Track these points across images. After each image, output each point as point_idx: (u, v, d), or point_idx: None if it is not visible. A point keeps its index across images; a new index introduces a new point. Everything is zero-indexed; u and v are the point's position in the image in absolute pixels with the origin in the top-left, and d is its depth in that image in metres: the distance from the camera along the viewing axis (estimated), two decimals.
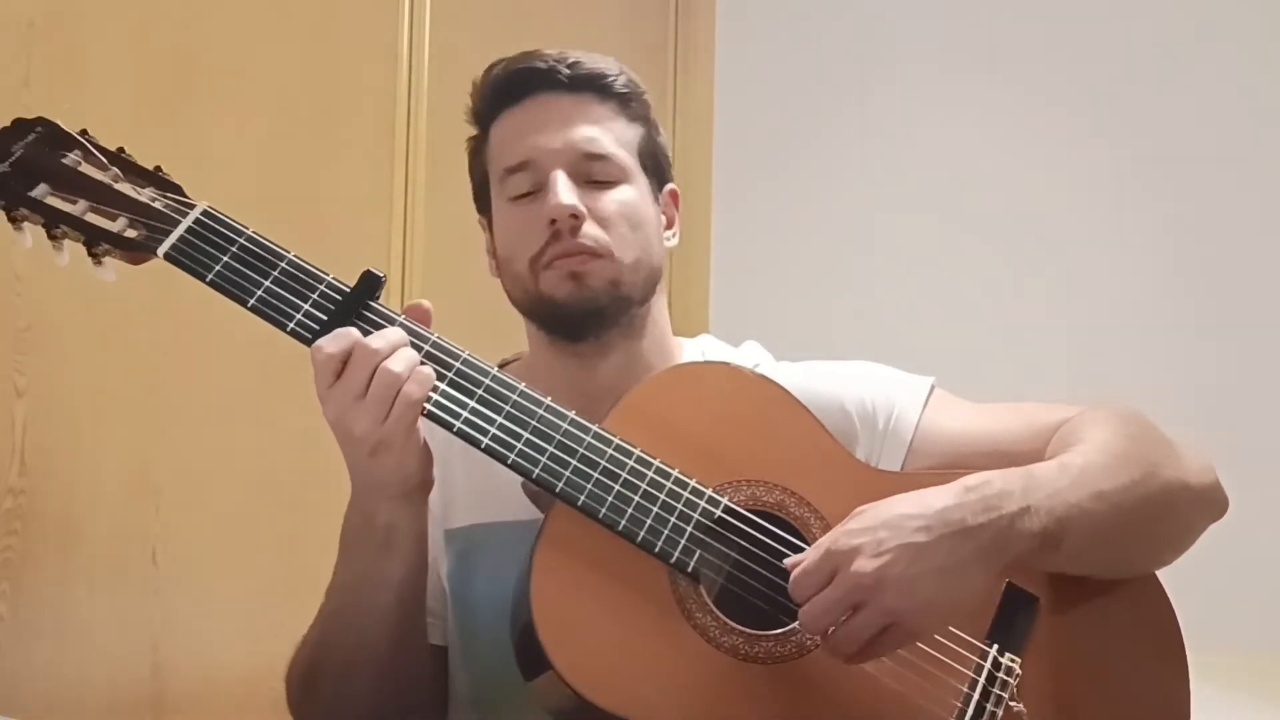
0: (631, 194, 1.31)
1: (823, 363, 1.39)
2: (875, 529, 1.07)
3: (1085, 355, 2.56)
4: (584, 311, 1.29)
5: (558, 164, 1.29)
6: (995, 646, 1.15)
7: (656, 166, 1.37)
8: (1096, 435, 1.20)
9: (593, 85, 1.33)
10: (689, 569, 1.14)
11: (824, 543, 1.09)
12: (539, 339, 1.36)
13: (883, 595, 1.05)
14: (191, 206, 1.20)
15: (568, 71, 1.31)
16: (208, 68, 1.93)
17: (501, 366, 1.38)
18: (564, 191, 1.27)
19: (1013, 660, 1.14)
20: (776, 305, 2.74)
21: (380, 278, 1.19)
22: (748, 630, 1.13)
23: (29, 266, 1.69)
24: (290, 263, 1.19)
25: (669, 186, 1.40)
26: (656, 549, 1.14)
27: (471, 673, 1.32)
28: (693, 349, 1.42)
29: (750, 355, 1.42)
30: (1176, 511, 1.21)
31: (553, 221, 1.26)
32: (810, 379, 1.33)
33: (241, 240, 1.19)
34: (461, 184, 1.44)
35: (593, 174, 1.30)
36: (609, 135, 1.32)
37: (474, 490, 1.31)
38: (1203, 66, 2.59)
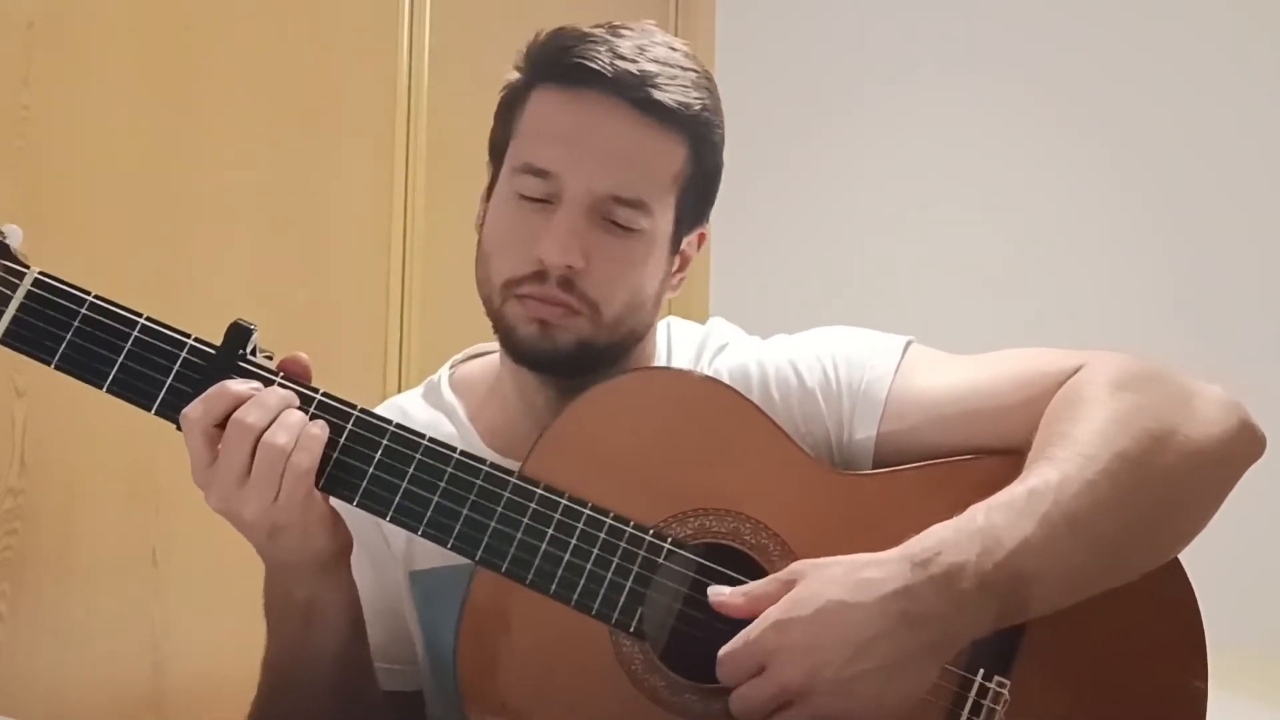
0: (648, 248, 1.13)
1: (789, 336, 1.24)
2: (808, 621, 0.95)
3: (1076, 337, 2.57)
4: (543, 359, 1.14)
5: (580, 195, 1.10)
6: (981, 672, 1.03)
7: (696, 205, 1.18)
8: (1083, 423, 1.04)
9: (662, 111, 1.11)
10: (631, 629, 1.03)
11: (753, 628, 0.97)
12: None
13: (812, 700, 0.95)
14: (21, 274, 1.03)
15: (639, 91, 1.10)
16: (208, 68, 1.92)
17: (454, 366, 1.30)
18: (566, 238, 1.09)
19: (1001, 685, 1.02)
20: (776, 299, 2.74)
21: (249, 329, 1.04)
22: (701, 685, 1.03)
23: None
24: (145, 329, 1.03)
25: (700, 230, 1.22)
26: (594, 610, 1.02)
27: (451, 716, 1.20)
28: (659, 335, 1.26)
29: (717, 335, 1.26)
30: (1187, 493, 1.05)
31: (541, 261, 1.11)
32: (768, 354, 1.20)
33: (84, 310, 1.03)
34: (462, 184, 1.42)
35: (615, 216, 1.11)
36: (655, 175, 1.12)
37: None
38: (1190, 64, 2.60)
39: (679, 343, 1.25)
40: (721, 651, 0.98)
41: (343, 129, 2.11)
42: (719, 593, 1.01)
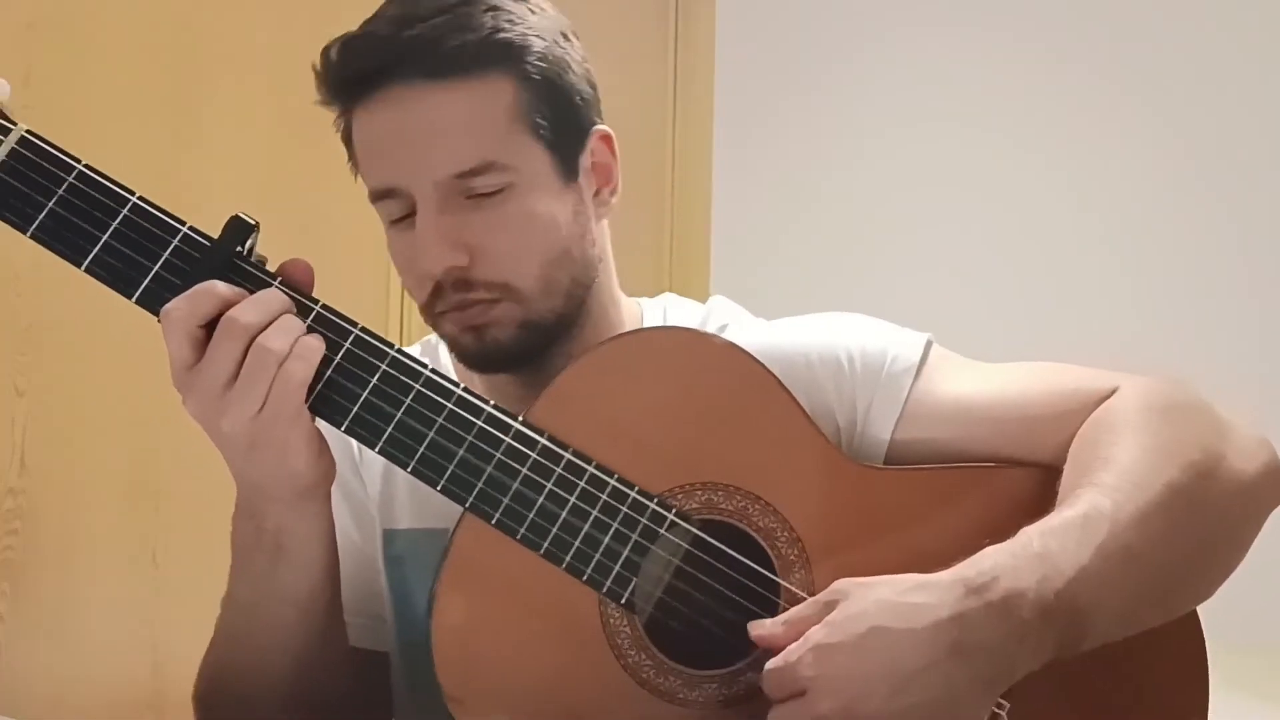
0: (525, 198, 1.05)
1: (797, 320, 1.17)
2: (851, 649, 0.88)
3: (1088, 320, 2.57)
4: (493, 360, 1.08)
5: (425, 193, 1.04)
6: None
7: (564, 119, 1.08)
8: (1128, 450, 0.99)
9: (446, 63, 1.03)
10: (622, 600, 0.96)
11: (794, 649, 0.90)
12: None
13: None
14: (6, 130, 0.94)
15: (414, 63, 1.03)
16: (208, 66, 1.93)
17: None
18: (430, 244, 1.04)
19: (999, 706, 0.96)
20: (777, 279, 2.72)
21: (250, 224, 0.98)
22: (689, 670, 0.97)
23: (29, 266, 1.69)
24: (136, 208, 0.95)
25: (595, 131, 1.11)
26: (585, 576, 0.96)
27: (416, 685, 1.15)
28: (653, 312, 1.19)
29: (719, 314, 1.19)
30: (1232, 527, 1.03)
31: (428, 277, 1.06)
32: (777, 337, 1.12)
33: (71, 179, 0.95)
34: None
35: (473, 189, 1.04)
36: (482, 128, 1.04)
37: (417, 488, 1.02)
38: (1202, 40, 2.62)
39: (676, 321, 1.19)
40: (766, 667, 0.91)
41: None
42: (760, 626, 0.95)
